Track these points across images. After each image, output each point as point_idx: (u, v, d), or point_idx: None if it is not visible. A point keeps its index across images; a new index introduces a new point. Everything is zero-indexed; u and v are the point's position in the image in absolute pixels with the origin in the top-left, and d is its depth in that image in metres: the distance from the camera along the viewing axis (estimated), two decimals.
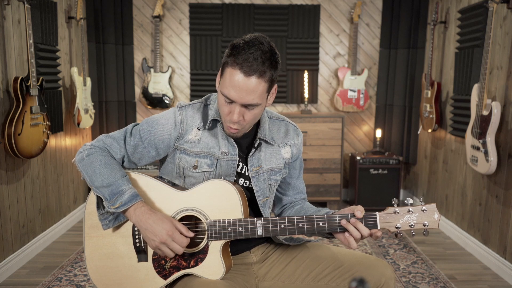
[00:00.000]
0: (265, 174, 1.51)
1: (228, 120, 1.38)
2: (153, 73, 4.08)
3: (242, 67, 1.29)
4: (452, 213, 3.50)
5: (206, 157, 1.44)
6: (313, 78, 4.23)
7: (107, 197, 1.35)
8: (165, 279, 1.38)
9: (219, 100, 1.39)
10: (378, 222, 1.33)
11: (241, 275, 1.47)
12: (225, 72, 1.34)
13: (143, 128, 1.45)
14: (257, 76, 1.30)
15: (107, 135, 1.47)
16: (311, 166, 3.91)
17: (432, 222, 1.32)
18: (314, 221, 1.34)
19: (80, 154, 1.43)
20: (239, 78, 1.30)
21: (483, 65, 2.69)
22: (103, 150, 1.43)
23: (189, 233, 1.33)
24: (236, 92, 1.31)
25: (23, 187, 2.89)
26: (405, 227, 1.32)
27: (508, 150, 2.72)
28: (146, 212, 1.33)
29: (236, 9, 4.08)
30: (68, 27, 3.55)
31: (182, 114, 1.45)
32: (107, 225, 1.40)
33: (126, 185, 1.36)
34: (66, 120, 3.54)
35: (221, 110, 1.39)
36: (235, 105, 1.34)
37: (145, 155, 1.46)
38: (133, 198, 1.35)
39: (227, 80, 1.33)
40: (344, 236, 1.35)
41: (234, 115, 1.34)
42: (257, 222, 1.35)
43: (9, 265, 2.70)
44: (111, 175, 1.37)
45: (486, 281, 2.72)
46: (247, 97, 1.32)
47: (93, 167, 1.39)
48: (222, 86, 1.35)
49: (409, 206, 1.33)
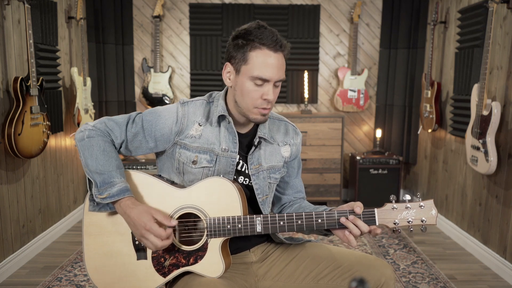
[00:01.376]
0: (265, 172, 1.51)
1: (261, 103, 1.39)
2: (153, 73, 4.08)
3: (270, 46, 1.36)
4: (452, 213, 3.50)
5: (206, 153, 1.44)
6: (313, 78, 4.23)
7: (98, 184, 1.36)
8: (165, 277, 1.38)
9: (245, 89, 1.39)
10: (377, 218, 1.34)
11: (240, 274, 1.47)
12: (250, 57, 1.37)
13: (146, 118, 1.46)
14: (282, 51, 1.39)
15: (110, 118, 1.46)
16: (311, 166, 3.91)
17: (429, 218, 1.33)
18: (313, 218, 1.35)
19: (81, 133, 1.42)
20: (271, 55, 1.36)
21: (483, 65, 2.69)
22: (104, 134, 1.43)
23: (171, 222, 1.31)
24: (272, 70, 1.36)
25: (23, 187, 2.89)
26: (403, 223, 1.34)
27: (508, 150, 2.72)
28: (129, 206, 1.33)
29: (236, 9, 4.08)
30: (68, 27, 3.55)
31: (184, 110, 1.46)
32: (93, 208, 1.39)
33: (118, 177, 1.37)
34: (66, 120, 3.54)
35: (249, 97, 1.39)
36: (268, 85, 1.38)
37: (143, 145, 1.46)
38: (121, 192, 1.34)
39: (256, 62, 1.36)
40: (343, 233, 1.36)
41: (270, 95, 1.38)
42: (256, 219, 1.35)
43: (9, 265, 2.70)
44: (106, 163, 1.37)
45: (486, 281, 2.72)
46: (280, 73, 1.38)
47: (91, 150, 1.39)
48: (251, 71, 1.37)
49: (407, 202, 1.34)
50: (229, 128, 1.47)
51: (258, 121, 1.44)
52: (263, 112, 1.41)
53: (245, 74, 1.38)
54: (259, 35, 1.36)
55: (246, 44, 1.37)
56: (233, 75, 1.43)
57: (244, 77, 1.38)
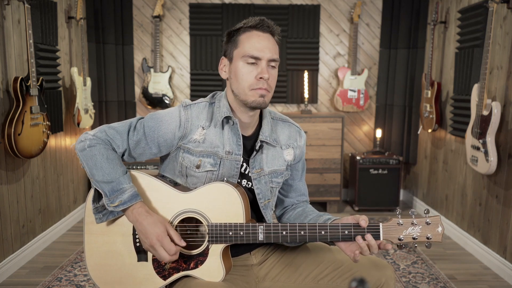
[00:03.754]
0: (267, 177, 1.49)
1: (257, 83, 1.38)
2: (153, 73, 4.08)
3: (257, 27, 1.40)
4: (452, 213, 3.50)
5: (210, 157, 1.42)
6: (313, 78, 4.23)
7: (107, 193, 1.34)
8: (165, 280, 1.38)
9: (239, 72, 1.39)
10: (381, 234, 1.31)
11: (241, 276, 1.47)
12: (239, 40, 1.40)
13: (147, 124, 1.43)
14: (271, 32, 1.41)
15: (110, 126, 1.43)
16: (311, 166, 3.91)
17: (435, 235, 1.30)
18: (316, 229, 1.33)
19: (82, 143, 1.39)
20: (259, 35, 1.39)
21: (483, 65, 2.69)
22: (106, 142, 1.40)
23: (181, 242, 1.32)
24: (262, 47, 1.37)
25: (23, 187, 2.89)
26: (408, 239, 1.30)
27: (508, 150, 2.72)
28: (142, 214, 1.32)
29: (236, 9, 4.08)
30: (68, 27, 3.55)
31: (187, 113, 1.43)
32: (101, 219, 1.39)
33: (127, 183, 1.35)
34: (66, 120, 3.54)
35: (244, 80, 1.39)
36: (261, 63, 1.38)
37: (146, 151, 1.44)
38: (133, 197, 1.34)
39: (246, 42, 1.39)
40: (346, 246, 1.35)
41: (265, 73, 1.37)
42: (258, 227, 1.34)
43: (9, 265, 2.70)
44: (112, 171, 1.35)
45: (486, 281, 2.72)
46: (272, 52, 1.39)
47: (94, 159, 1.36)
48: (242, 52, 1.39)
49: (413, 218, 1.31)
50: (234, 129, 1.44)
51: (258, 105, 1.40)
52: (260, 93, 1.39)
53: (237, 57, 1.40)
54: (247, 22, 1.41)
55: (236, 32, 1.42)
56: (227, 66, 1.45)
57: (237, 61, 1.40)
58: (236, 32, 1.42)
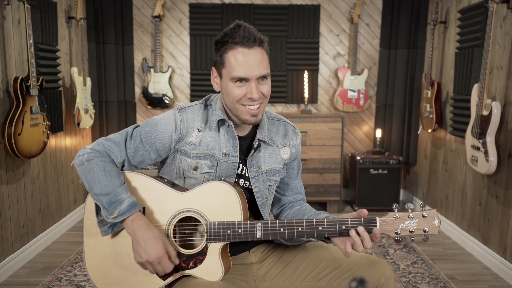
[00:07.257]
0: (264, 175, 1.50)
1: (247, 101, 1.37)
2: (153, 73, 4.08)
3: (242, 43, 1.34)
4: (452, 213, 3.50)
5: (207, 159, 1.43)
6: (313, 78, 4.23)
7: (105, 206, 1.33)
8: (164, 280, 1.38)
9: (229, 91, 1.38)
10: (378, 227, 1.32)
11: (240, 275, 1.47)
12: (226, 59, 1.36)
13: (143, 130, 1.43)
14: (258, 45, 1.36)
15: (107, 138, 1.44)
16: (311, 166, 3.91)
17: (432, 228, 1.30)
18: (313, 225, 1.33)
19: (80, 158, 1.40)
20: (245, 53, 1.34)
21: (483, 65, 2.69)
22: (103, 154, 1.40)
23: (176, 260, 1.34)
24: (246, 67, 1.34)
25: (23, 187, 2.89)
26: (405, 232, 1.31)
27: (508, 150, 2.72)
28: (142, 226, 1.32)
29: (236, 9, 4.08)
30: (68, 27, 3.55)
31: (182, 116, 1.44)
32: (106, 232, 1.39)
33: (124, 193, 1.35)
34: (66, 120, 3.54)
35: (234, 99, 1.38)
36: (250, 83, 1.36)
37: (146, 158, 1.45)
38: (131, 207, 1.33)
39: (232, 63, 1.35)
40: (341, 242, 1.34)
41: (253, 92, 1.36)
42: (256, 225, 1.34)
43: (9, 265, 2.70)
44: (110, 183, 1.35)
45: (486, 281, 2.72)
46: (260, 68, 1.36)
47: (92, 173, 1.36)
48: (229, 73, 1.36)
49: (409, 211, 1.31)
50: (229, 131, 1.45)
51: (249, 122, 1.42)
52: (251, 112, 1.39)
53: (226, 77, 1.38)
54: (232, 35, 1.35)
55: (222, 46, 1.37)
56: (218, 79, 1.44)
57: (226, 80, 1.39)
58: (222, 47, 1.37)
